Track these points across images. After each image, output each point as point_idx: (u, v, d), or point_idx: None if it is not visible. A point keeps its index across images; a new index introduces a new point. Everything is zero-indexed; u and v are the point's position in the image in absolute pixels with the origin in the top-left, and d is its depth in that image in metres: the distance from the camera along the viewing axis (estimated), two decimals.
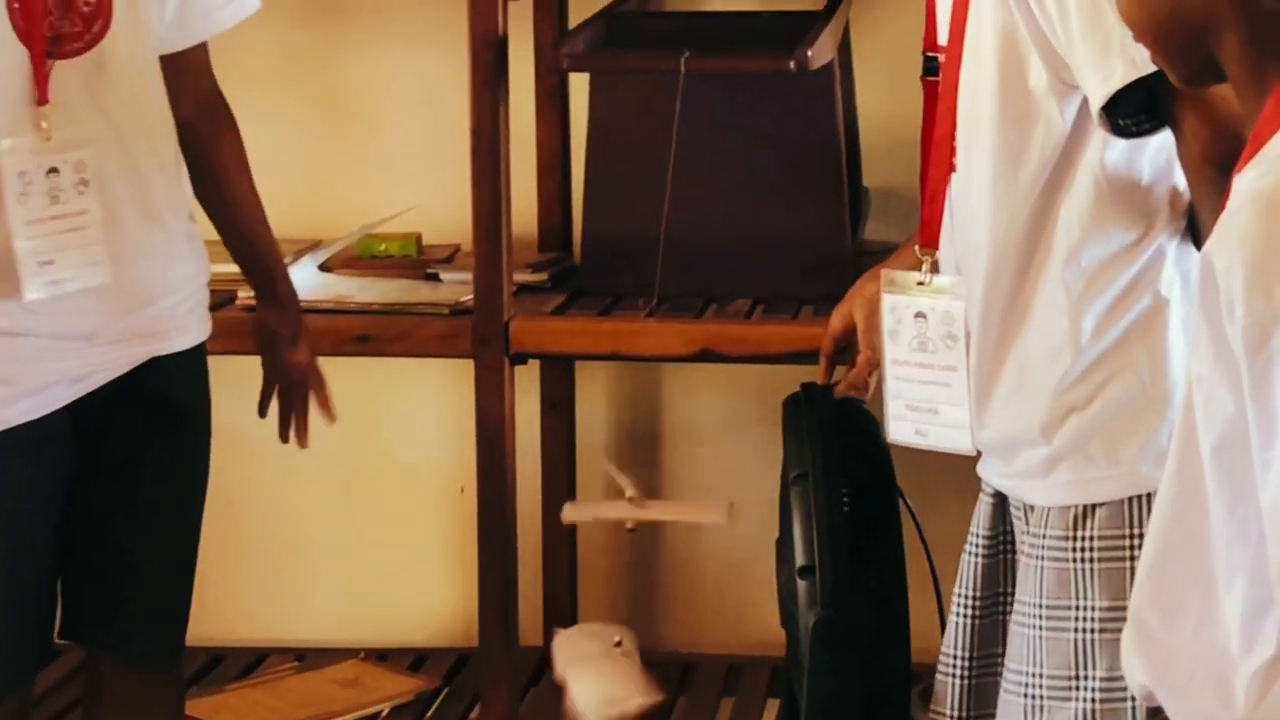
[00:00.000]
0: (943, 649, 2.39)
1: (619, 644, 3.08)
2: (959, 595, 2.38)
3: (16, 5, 2.51)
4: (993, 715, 2.35)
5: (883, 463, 2.59)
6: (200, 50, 2.77)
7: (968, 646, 2.37)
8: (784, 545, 2.55)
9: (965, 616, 2.37)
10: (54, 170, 2.56)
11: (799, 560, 2.49)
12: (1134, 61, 2.06)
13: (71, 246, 2.56)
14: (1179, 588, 1.66)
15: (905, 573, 2.55)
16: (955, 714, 2.38)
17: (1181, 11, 1.69)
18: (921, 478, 2.74)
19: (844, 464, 2.54)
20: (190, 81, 2.75)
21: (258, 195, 2.87)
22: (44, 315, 2.57)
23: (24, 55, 2.53)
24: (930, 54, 2.35)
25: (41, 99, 2.54)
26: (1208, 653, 1.63)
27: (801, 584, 2.49)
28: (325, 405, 2.96)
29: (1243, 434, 1.57)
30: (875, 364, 2.45)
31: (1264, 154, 1.60)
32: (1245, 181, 1.59)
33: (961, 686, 2.37)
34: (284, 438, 2.95)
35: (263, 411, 2.95)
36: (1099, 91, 2.11)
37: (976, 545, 2.38)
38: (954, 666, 2.38)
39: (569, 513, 3.29)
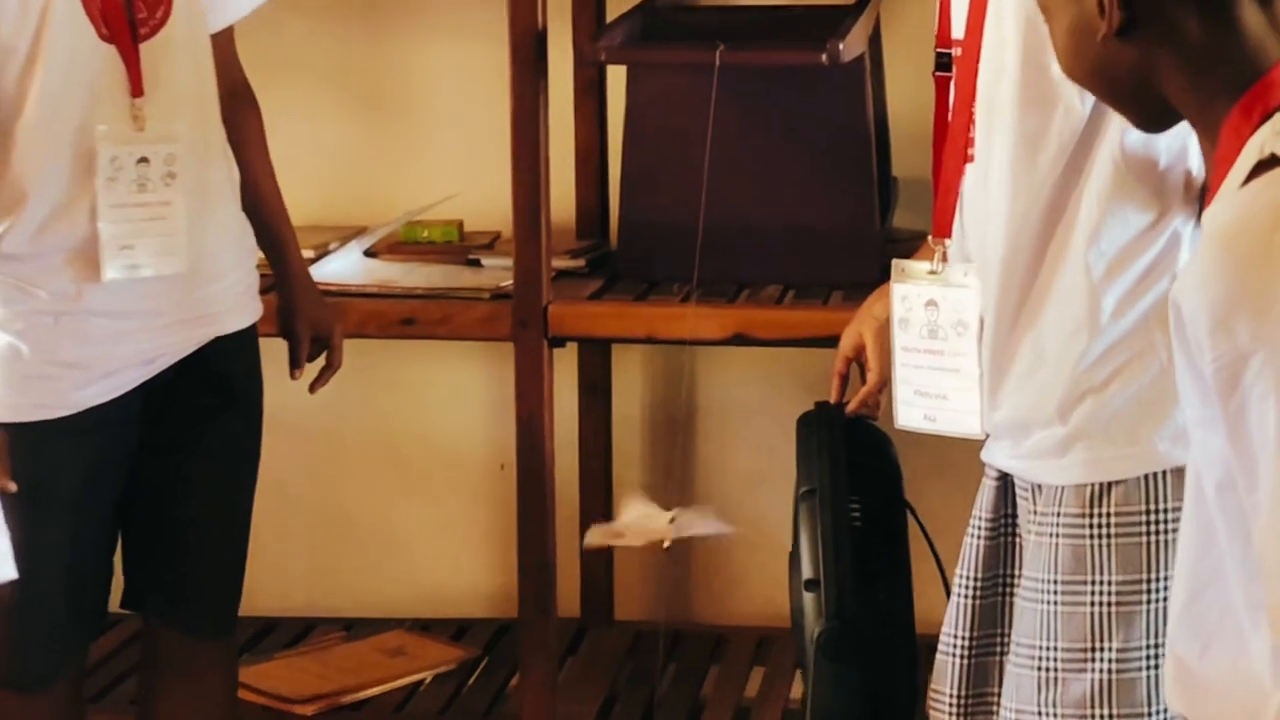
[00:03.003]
0: (944, 629, 2.38)
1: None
2: (961, 576, 2.37)
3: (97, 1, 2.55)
4: (992, 694, 2.36)
5: (893, 480, 2.58)
6: (227, 35, 2.80)
7: (968, 626, 2.36)
8: (795, 559, 2.54)
9: (966, 597, 2.36)
10: (144, 160, 2.60)
11: (805, 573, 2.49)
12: None
13: (152, 234, 2.61)
14: (1213, 622, 1.64)
15: (912, 587, 2.54)
16: (954, 692, 2.37)
17: (1115, 59, 1.63)
18: (928, 465, 2.76)
19: (854, 481, 2.53)
20: (219, 67, 2.76)
21: (277, 183, 2.90)
22: (118, 294, 2.62)
23: (112, 49, 2.57)
24: (942, 50, 2.35)
25: (136, 90, 2.59)
26: (1243, 685, 1.60)
27: (807, 596, 2.50)
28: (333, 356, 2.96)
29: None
30: (885, 383, 2.44)
31: (1224, 188, 1.56)
32: (1208, 218, 1.56)
33: (961, 665, 2.36)
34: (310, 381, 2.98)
35: (297, 367, 2.95)
36: None
37: (979, 528, 2.37)
38: (954, 646, 2.37)
39: (593, 537, 3.16)
